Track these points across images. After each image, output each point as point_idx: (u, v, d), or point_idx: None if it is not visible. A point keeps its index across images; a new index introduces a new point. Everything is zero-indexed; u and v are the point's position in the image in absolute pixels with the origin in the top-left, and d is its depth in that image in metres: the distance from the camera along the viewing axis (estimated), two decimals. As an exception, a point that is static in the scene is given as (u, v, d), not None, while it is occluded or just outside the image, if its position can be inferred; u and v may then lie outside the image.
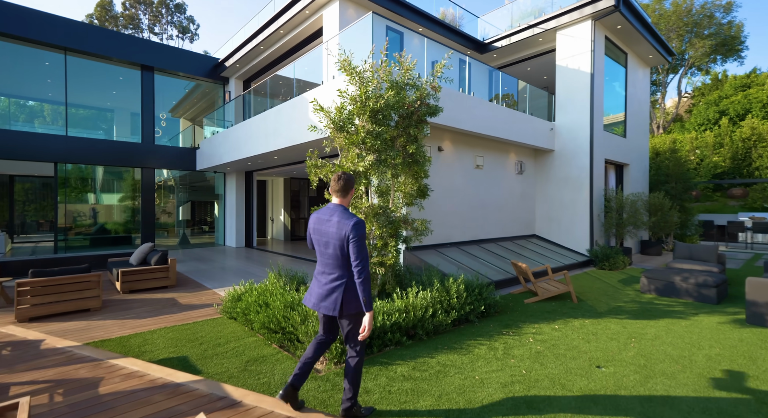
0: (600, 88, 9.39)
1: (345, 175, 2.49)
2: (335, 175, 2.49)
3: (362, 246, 2.30)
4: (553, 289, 5.73)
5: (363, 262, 2.28)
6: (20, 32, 9.65)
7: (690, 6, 25.43)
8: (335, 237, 2.34)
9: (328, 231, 2.39)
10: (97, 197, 12.16)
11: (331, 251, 2.37)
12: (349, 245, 2.29)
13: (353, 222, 2.31)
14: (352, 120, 4.57)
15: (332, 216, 2.40)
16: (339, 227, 2.33)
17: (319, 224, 2.46)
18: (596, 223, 9.34)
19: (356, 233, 2.29)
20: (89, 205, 11.83)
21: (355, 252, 2.28)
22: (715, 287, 5.47)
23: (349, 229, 2.29)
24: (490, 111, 7.99)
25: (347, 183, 2.48)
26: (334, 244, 2.35)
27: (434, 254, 7.15)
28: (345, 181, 2.47)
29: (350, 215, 2.38)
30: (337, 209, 2.43)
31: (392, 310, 3.94)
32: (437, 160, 7.58)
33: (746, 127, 17.36)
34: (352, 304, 2.36)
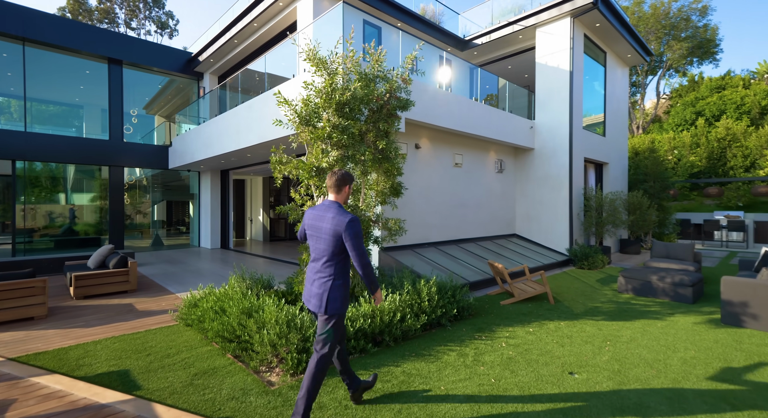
0: (579, 87, 9.35)
1: (339, 172, 2.50)
2: (330, 172, 2.54)
3: (359, 242, 2.33)
4: (530, 290, 5.58)
5: (362, 258, 2.33)
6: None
7: (668, 9, 26.01)
8: (329, 233, 2.35)
9: (322, 227, 2.39)
10: (66, 197, 11.52)
11: (323, 247, 2.39)
12: (346, 242, 2.32)
13: (348, 219, 2.32)
14: (318, 114, 4.30)
15: (327, 212, 2.40)
16: (334, 223, 2.34)
17: (313, 219, 2.46)
18: (576, 222, 9.30)
19: (352, 231, 2.31)
20: (55, 205, 11.20)
21: (353, 249, 2.32)
22: (691, 287, 5.42)
23: (344, 226, 2.30)
24: (468, 108, 7.83)
25: (340, 179, 2.48)
26: (326, 240, 2.36)
27: (411, 255, 6.94)
28: (338, 177, 2.48)
29: (345, 213, 2.39)
30: (332, 205, 2.44)
31: (357, 315, 3.69)
32: (414, 158, 7.37)
33: (721, 127, 17.78)
34: (336, 303, 2.36)
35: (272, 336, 3.19)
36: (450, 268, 6.68)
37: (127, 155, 11.31)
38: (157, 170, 12.92)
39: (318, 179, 4.12)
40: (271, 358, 3.21)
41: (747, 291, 4.33)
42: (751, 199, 15.22)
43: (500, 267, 5.44)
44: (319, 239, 2.41)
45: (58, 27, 10.15)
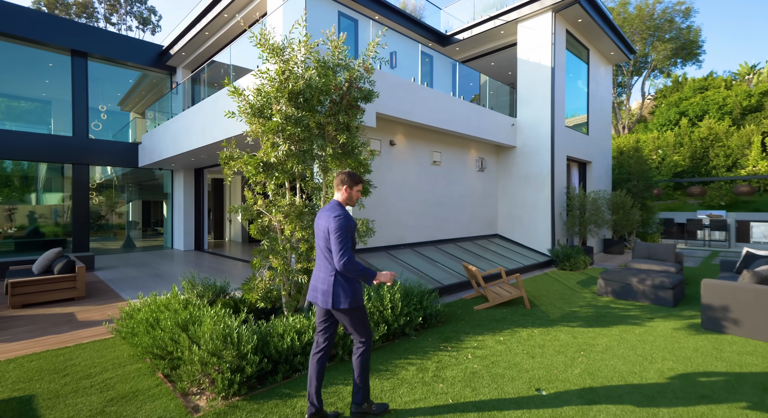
0: (561, 83, 9.13)
1: (344, 172, 2.54)
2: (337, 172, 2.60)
3: (341, 238, 2.29)
4: (505, 294, 5.29)
5: (338, 254, 2.29)
6: None
7: (652, 10, 26.22)
8: (323, 229, 2.40)
9: (320, 224, 2.44)
10: (31, 197, 10.89)
11: (322, 244, 2.43)
12: (329, 236, 2.33)
13: (334, 215, 2.35)
14: (271, 104, 3.92)
15: (327, 211, 2.44)
16: (326, 220, 2.39)
17: (318, 218, 2.51)
18: (558, 222, 9.08)
19: (334, 226, 2.31)
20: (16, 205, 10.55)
21: (332, 243, 2.32)
22: (671, 289, 5.18)
23: (329, 221, 2.34)
24: (446, 103, 7.52)
25: (340, 180, 2.52)
26: (324, 237, 2.41)
27: (383, 257, 6.60)
28: (339, 177, 2.53)
29: (336, 210, 2.41)
30: (332, 204, 2.49)
31: (307, 326, 3.32)
32: (389, 155, 7.03)
33: (704, 127, 17.88)
34: (342, 299, 2.36)
35: (203, 353, 2.81)
36: (424, 270, 6.36)
37: (92, 153, 10.73)
38: (128, 169, 12.34)
39: (266, 176, 3.73)
40: (202, 378, 2.83)
41: (727, 295, 4.10)
42: (733, 198, 15.28)
43: (474, 270, 5.13)
44: (319, 237, 2.46)
45: (13, 14, 9.53)
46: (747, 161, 15.84)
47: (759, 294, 3.91)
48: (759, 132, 16.07)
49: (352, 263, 2.30)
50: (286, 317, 3.49)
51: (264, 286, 3.88)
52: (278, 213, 3.90)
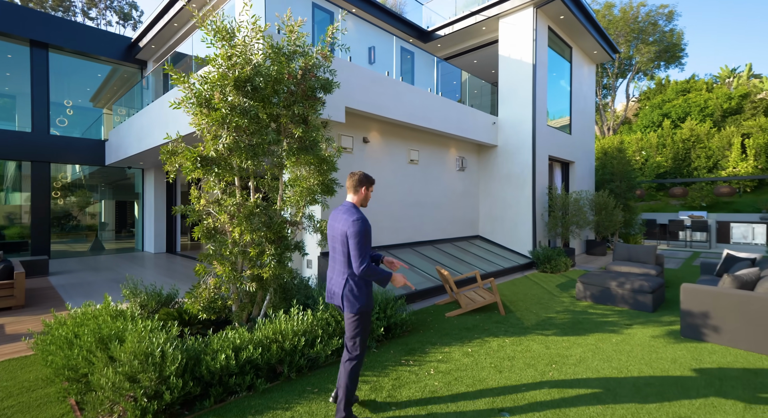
0: (543, 81, 8.93)
1: (358, 174, 2.53)
2: (350, 173, 2.55)
3: (360, 243, 2.30)
4: (479, 299, 5.00)
5: (357, 259, 2.30)
6: None
7: (636, 13, 26.49)
8: (339, 233, 2.39)
9: (336, 227, 2.44)
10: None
11: (338, 246, 2.43)
12: (349, 240, 2.32)
13: (353, 219, 2.34)
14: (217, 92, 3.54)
15: (342, 213, 2.44)
16: (342, 222, 2.38)
17: (331, 220, 2.52)
18: (539, 222, 8.86)
19: (353, 230, 2.31)
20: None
21: (352, 248, 2.31)
22: (650, 293, 4.96)
23: (348, 225, 2.33)
24: (422, 99, 7.22)
25: (357, 181, 2.51)
26: (339, 240, 2.40)
27: (356, 260, 6.24)
28: (356, 179, 2.51)
29: (354, 212, 2.41)
30: (346, 206, 2.48)
31: (248, 341, 2.96)
32: (362, 153, 6.69)
33: (686, 128, 18.02)
34: (353, 302, 2.38)
35: (117, 377, 2.42)
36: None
37: (53, 150, 10.12)
38: (95, 167, 11.74)
39: (204, 171, 3.35)
40: (115, 406, 2.44)
41: (707, 300, 3.87)
42: (714, 199, 15.38)
43: (446, 274, 4.82)
44: (334, 239, 2.46)
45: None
46: (727, 163, 15.99)
47: (739, 300, 3.69)
48: (738, 134, 16.24)
49: (371, 268, 2.33)
50: (226, 332, 3.12)
51: (207, 295, 3.49)
52: (223, 213, 3.52)
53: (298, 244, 4.02)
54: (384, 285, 2.39)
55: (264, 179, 4.25)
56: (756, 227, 12.44)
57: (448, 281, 4.83)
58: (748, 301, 3.65)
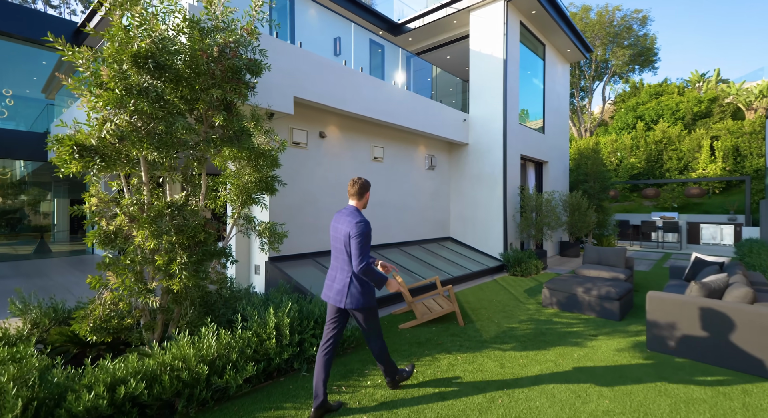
0: (515, 77, 8.64)
1: (361, 180, 2.70)
2: (352, 180, 2.72)
3: (361, 244, 2.47)
4: (437, 308, 4.58)
5: (360, 260, 2.46)
6: None
7: (612, 17, 26.94)
8: (343, 234, 2.55)
9: (339, 228, 2.61)
10: None
11: (339, 247, 2.60)
12: (351, 241, 2.49)
13: (356, 221, 2.52)
14: (114, 69, 2.97)
15: (346, 216, 2.60)
16: (346, 225, 2.55)
17: (336, 222, 2.66)
18: (511, 224, 8.57)
19: (356, 231, 2.48)
20: None
21: (354, 249, 2.47)
22: (618, 300, 4.66)
23: (351, 226, 2.50)
24: (387, 93, 6.76)
25: (362, 187, 2.69)
26: (343, 241, 2.56)
27: (310, 265, 5.74)
28: (360, 185, 2.69)
29: (357, 215, 2.58)
30: (349, 210, 2.65)
31: (133, 372, 2.41)
32: (318, 149, 6.18)
33: (658, 130, 18.28)
34: (356, 299, 2.56)
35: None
36: (354, 281, 5.55)
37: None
38: (39, 162, 10.79)
39: (84, 164, 2.77)
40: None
41: (674, 310, 3.56)
42: (685, 200, 15.59)
43: (400, 281, 4.37)
44: (337, 240, 2.61)
45: None
46: (697, 164, 16.25)
47: (706, 310, 3.38)
48: (708, 136, 16.55)
49: (369, 268, 2.50)
50: (107, 360, 2.56)
51: (101, 312, 2.92)
52: (121, 215, 2.96)
53: (222, 251, 3.49)
54: (380, 287, 2.58)
55: (191, 175, 3.70)
56: (724, 227, 12.59)
57: (403, 287, 4.38)
58: (716, 311, 3.35)
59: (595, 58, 28.25)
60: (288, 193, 5.69)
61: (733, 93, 21.11)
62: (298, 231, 5.83)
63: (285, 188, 5.63)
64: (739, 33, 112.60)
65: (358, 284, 2.56)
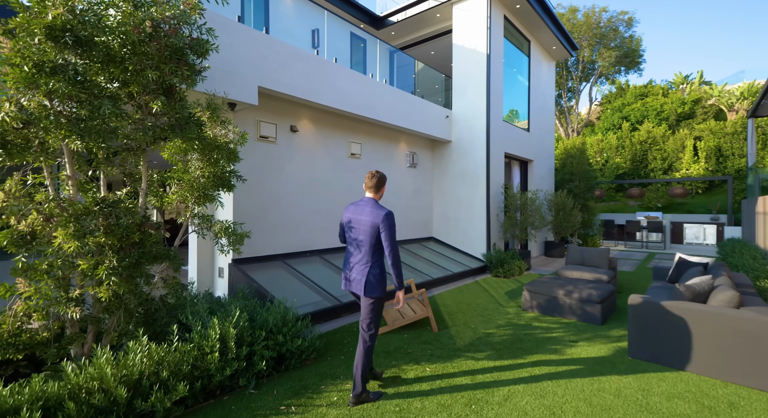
0: (498, 73, 8.41)
1: (378, 173, 2.82)
2: (369, 173, 2.83)
3: (392, 234, 2.62)
4: (410, 313, 4.28)
5: (393, 248, 2.61)
6: None
7: (599, 18, 27.11)
8: (367, 225, 2.64)
9: (361, 220, 2.69)
10: None
11: (361, 238, 2.68)
12: (381, 233, 2.61)
13: (384, 213, 2.63)
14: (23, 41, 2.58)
15: (366, 207, 2.71)
16: (372, 216, 2.64)
17: (355, 214, 2.74)
18: (494, 223, 8.34)
19: (387, 223, 2.60)
20: None
21: (386, 239, 2.60)
22: (599, 304, 4.43)
23: (381, 219, 2.61)
24: (364, 86, 6.45)
25: (380, 181, 2.81)
26: (365, 231, 2.65)
27: (279, 267, 5.38)
28: (378, 178, 2.81)
29: (381, 207, 2.69)
30: (369, 202, 2.75)
31: (30, 399, 2.04)
32: (289, 144, 5.83)
33: (643, 130, 18.38)
34: (374, 288, 2.65)
35: None
36: (325, 284, 5.23)
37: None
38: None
39: None
40: None
41: (656, 315, 3.33)
42: (669, 200, 15.66)
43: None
44: (358, 231, 2.69)
45: None
46: (681, 164, 16.35)
47: (691, 315, 3.16)
48: (691, 137, 16.67)
49: (399, 258, 2.65)
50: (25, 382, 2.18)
51: (9, 326, 2.54)
52: (35, 212, 2.58)
53: (165, 253, 3.12)
54: (398, 288, 2.70)
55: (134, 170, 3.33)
56: (707, 227, 12.62)
57: (372, 293, 4.07)
58: (700, 316, 3.13)
59: (582, 59, 28.44)
60: (256, 191, 5.33)
61: (715, 95, 21.40)
62: (267, 231, 5.47)
63: (253, 186, 5.28)
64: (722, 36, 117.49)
65: (377, 273, 2.65)
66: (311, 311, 4.40)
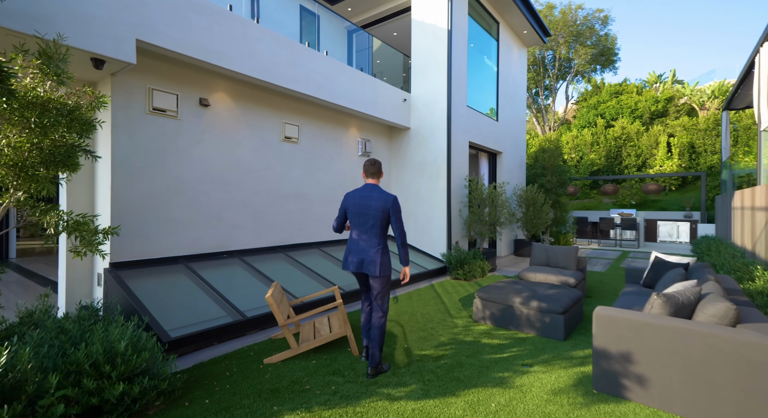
0: (462, 53, 7.58)
1: (377, 160, 3.06)
2: (370, 160, 3.04)
3: (401, 217, 2.94)
4: (325, 331, 3.34)
5: (402, 230, 2.92)
6: None
7: (575, 16, 27.00)
8: (378, 209, 2.86)
9: (370, 205, 2.88)
10: None
11: (371, 222, 2.87)
12: (392, 216, 2.89)
13: (393, 197, 2.90)
14: None
15: (373, 193, 2.92)
16: (382, 201, 2.86)
17: (361, 199, 2.92)
18: (456, 219, 7.51)
19: (397, 206, 2.91)
20: None
21: (397, 221, 2.91)
22: (562, 314, 3.61)
23: (391, 203, 2.88)
24: (294, 54, 5.45)
25: (379, 166, 3.05)
26: (375, 215, 2.86)
27: (180, 273, 4.33)
28: (379, 164, 3.05)
29: (387, 192, 2.97)
30: (375, 187, 2.98)
31: None
32: (197, 120, 4.78)
33: (617, 126, 18.10)
34: (387, 266, 2.91)
35: None
36: (237, 293, 4.22)
37: None
38: None
39: None
40: None
41: (628, 334, 2.51)
42: (643, 197, 15.33)
43: (267, 297, 3.08)
44: (367, 216, 2.88)
45: None
46: (655, 161, 16.09)
47: (673, 334, 2.34)
48: (665, 133, 16.45)
49: (406, 237, 2.98)
50: None
51: None
52: None
53: None
54: (405, 263, 2.99)
55: None
56: (680, 225, 12.26)
57: (271, 306, 3.10)
58: (685, 336, 2.31)
59: (559, 56, 28.29)
60: (149, 177, 4.27)
61: (687, 93, 21.47)
62: (166, 228, 4.42)
63: (145, 171, 4.22)
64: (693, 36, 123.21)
65: (386, 255, 2.90)
66: (201, 331, 3.40)
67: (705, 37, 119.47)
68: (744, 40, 75.33)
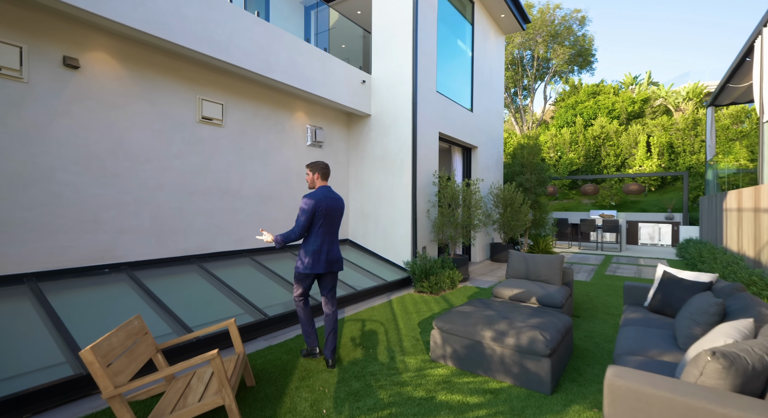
0: (430, 30, 6.55)
1: (326, 163, 3.19)
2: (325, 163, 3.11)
3: None
4: (193, 399, 2.16)
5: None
6: None
7: (553, 16, 26.78)
8: (341, 211, 3.08)
9: (338, 208, 3.04)
10: None
11: (337, 223, 3.07)
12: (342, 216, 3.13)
13: (342, 198, 3.17)
14: None
15: (333, 194, 3.04)
16: (341, 202, 3.08)
17: (329, 202, 2.97)
18: (423, 221, 6.46)
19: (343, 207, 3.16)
20: None
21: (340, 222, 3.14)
22: (548, 357, 2.58)
23: (342, 204, 3.10)
24: (205, 6, 4.24)
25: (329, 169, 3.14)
26: (339, 215, 3.07)
27: (20, 296, 3.04)
28: (328, 167, 3.12)
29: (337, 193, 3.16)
30: (330, 188, 3.06)
31: None
32: (62, 88, 3.49)
33: (597, 125, 17.68)
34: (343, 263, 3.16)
35: None
36: (82, 332, 2.98)
37: None
38: None
39: None
40: None
41: (659, 413, 1.47)
42: (623, 197, 14.84)
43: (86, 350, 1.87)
44: (336, 217, 3.04)
45: None
46: (634, 161, 15.68)
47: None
48: (644, 133, 16.09)
49: None
50: None
51: None
52: None
53: None
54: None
55: None
56: (662, 227, 11.72)
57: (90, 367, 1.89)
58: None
59: (538, 56, 28.02)
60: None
61: (663, 95, 21.41)
62: (2, 233, 3.12)
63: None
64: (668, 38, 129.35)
65: None
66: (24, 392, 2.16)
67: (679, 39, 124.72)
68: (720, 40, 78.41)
